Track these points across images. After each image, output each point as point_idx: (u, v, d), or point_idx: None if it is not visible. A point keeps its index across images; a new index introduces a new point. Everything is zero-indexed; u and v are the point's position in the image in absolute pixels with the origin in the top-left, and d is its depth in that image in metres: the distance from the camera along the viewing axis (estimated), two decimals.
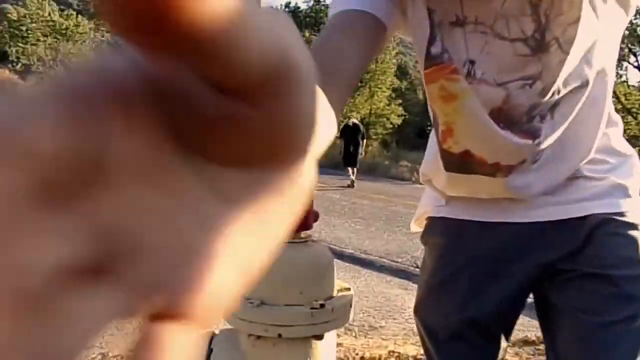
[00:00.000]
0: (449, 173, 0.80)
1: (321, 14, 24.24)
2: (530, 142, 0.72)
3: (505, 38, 0.68)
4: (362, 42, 0.64)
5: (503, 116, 0.71)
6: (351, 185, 9.22)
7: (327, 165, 12.75)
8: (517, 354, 2.47)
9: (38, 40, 28.38)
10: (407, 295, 3.57)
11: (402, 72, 30.06)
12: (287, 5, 25.28)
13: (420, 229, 0.95)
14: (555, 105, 0.72)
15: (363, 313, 3.23)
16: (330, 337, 0.79)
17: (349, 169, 9.50)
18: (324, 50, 0.61)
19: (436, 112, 0.77)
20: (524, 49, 0.68)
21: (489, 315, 0.83)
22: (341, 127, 11.91)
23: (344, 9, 0.65)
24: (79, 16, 32.64)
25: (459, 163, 0.78)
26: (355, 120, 10.22)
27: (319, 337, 0.75)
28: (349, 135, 9.52)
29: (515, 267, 0.82)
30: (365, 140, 9.81)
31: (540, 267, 0.80)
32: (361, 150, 9.54)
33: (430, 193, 0.93)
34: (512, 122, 0.72)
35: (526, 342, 2.52)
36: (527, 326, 2.30)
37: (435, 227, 0.91)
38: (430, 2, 0.69)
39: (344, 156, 9.52)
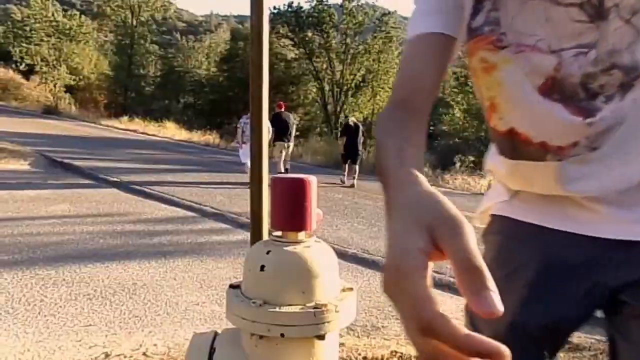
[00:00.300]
0: (502, 158, 0.77)
1: (324, 14, 24.17)
2: (579, 119, 0.65)
3: (560, 4, 0.64)
4: (438, 67, 0.67)
5: (557, 87, 0.66)
6: (342, 182, 9.45)
7: (328, 164, 12.78)
8: None
9: (41, 40, 28.41)
10: None
11: None
12: (290, 5, 25.20)
13: (483, 225, 0.91)
14: (626, 86, 0.64)
15: (365, 313, 3.23)
16: (333, 337, 0.78)
17: (346, 166, 9.59)
18: (407, 87, 0.66)
19: (481, 88, 0.74)
20: (580, 15, 0.64)
21: (538, 325, 0.77)
22: (342, 127, 11.94)
23: (419, 34, 0.69)
24: (82, 16, 32.70)
25: (506, 144, 0.74)
26: (355, 119, 10.31)
27: (322, 337, 0.75)
28: (351, 134, 9.64)
29: (573, 283, 0.74)
30: (364, 137, 10.04)
31: (601, 289, 0.72)
32: (360, 147, 9.73)
33: (495, 186, 0.89)
34: (566, 95, 0.66)
35: None
36: None
37: (495, 225, 0.87)
38: None
39: (345, 153, 9.60)
